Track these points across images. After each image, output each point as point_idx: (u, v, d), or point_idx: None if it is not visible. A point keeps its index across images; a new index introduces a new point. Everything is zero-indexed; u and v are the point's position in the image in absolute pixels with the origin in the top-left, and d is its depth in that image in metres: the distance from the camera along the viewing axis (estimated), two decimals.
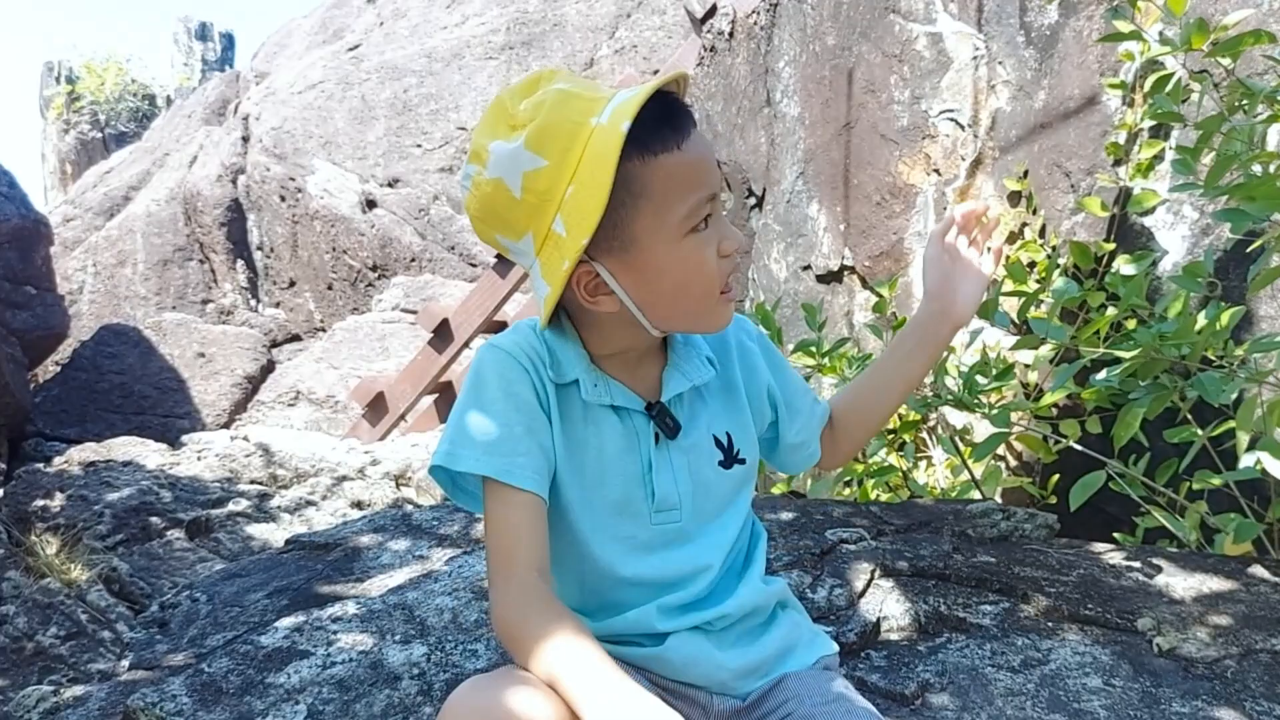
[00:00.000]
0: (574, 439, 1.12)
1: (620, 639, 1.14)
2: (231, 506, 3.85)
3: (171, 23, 28.41)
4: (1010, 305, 2.85)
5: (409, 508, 2.67)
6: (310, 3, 14.02)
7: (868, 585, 1.99)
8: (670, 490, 1.14)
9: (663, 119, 1.02)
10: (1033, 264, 3.00)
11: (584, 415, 1.13)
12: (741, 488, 1.22)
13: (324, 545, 2.32)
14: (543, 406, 1.10)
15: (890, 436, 3.07)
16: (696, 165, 1.03)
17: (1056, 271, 2.82)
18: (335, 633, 1.76)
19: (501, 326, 6.81)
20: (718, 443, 1.18)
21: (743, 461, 1.20)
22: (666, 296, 1.07)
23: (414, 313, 7.97)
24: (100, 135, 21.29)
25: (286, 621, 1.82)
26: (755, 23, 4.47)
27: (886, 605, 1.90)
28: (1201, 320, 1.98)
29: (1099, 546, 2.29)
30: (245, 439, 5.08)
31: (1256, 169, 1.89)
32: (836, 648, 1.25)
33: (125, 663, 1.86)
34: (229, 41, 28.92)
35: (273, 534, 3.61)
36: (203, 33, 28.32)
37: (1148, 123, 2.83)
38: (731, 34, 4.70)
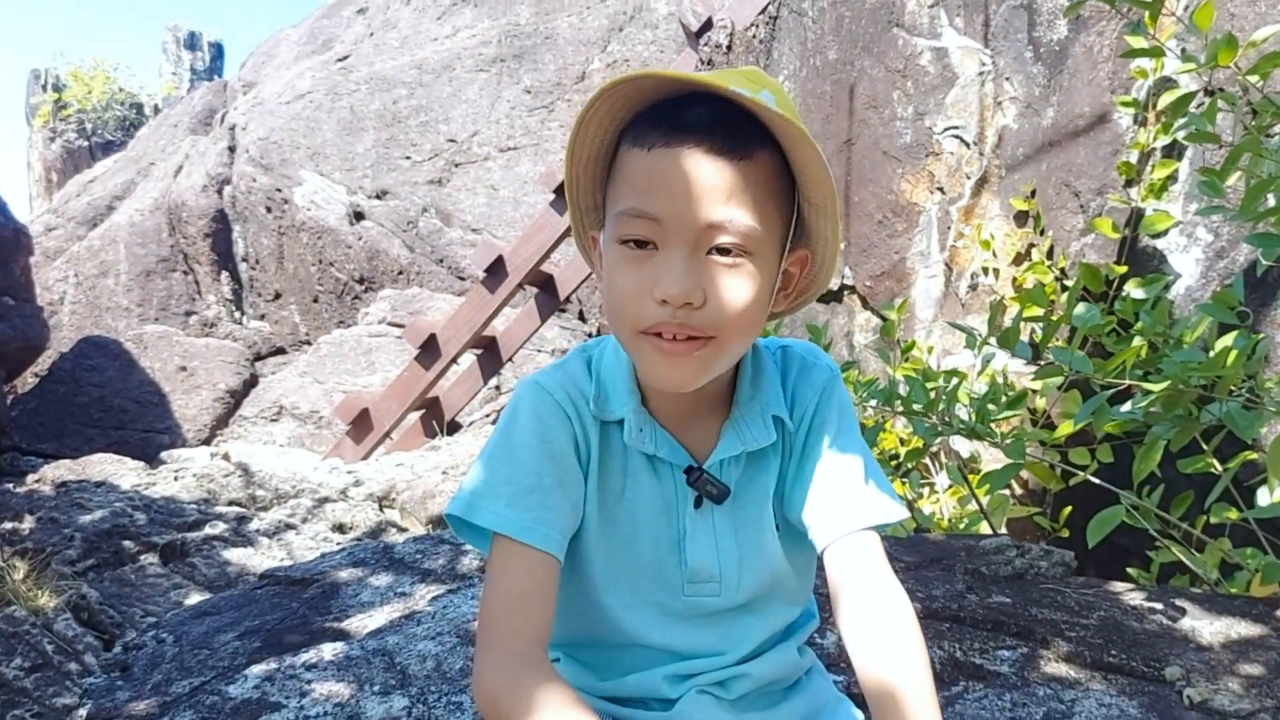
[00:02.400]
0: (609, 491, 1.02)
1: (626, 700, 1.06)
2: (208, 530, 3.70)
3: (160, 32, 28.29)
4: (1022, 328, 2.75)
5: (392, 537, 2.54)
6: (300, 13, 13.92)
7: None
8: (708, 561, 1.03)
9: (672, 118, 0.90)
10: (1040, 286, 2.90)
11: (623, 465, 1.02)
12: (803, 564, 1.09)
13: (300, 580, 2.19)
14: (580, 457, 1.01)
15: (894, 464, 2.96)
16: (653, 175, 0.89)
17: (1065, 295, 2.73)
18: (309, 682, 1.63)
19: (490, 342, 6.69)
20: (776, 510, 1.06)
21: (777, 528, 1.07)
22: (605, 300, 0.97)
23: (401, 326, 7.84)
24: (87, 144, 21.13)
25: (257, 669, 1.69)
26: (754, 36, 4.38)
27: None
28: (1231, 351, 1.87)
29: (1118, 586, 2.18)
30: (225, 457, 4.94)
31: None
32: (862, 716, 1.13)
33: (83, 712, 1.72)
34: (218, 51, 28.80)
35: (250, 559, 3.46)
36: (192, 42, 28.19)
37: (1161, 142, 2.75)
38: (729, 47, 4.61)
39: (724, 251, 0.91)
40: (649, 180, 0.90)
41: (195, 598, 3.13)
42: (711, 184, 0.89)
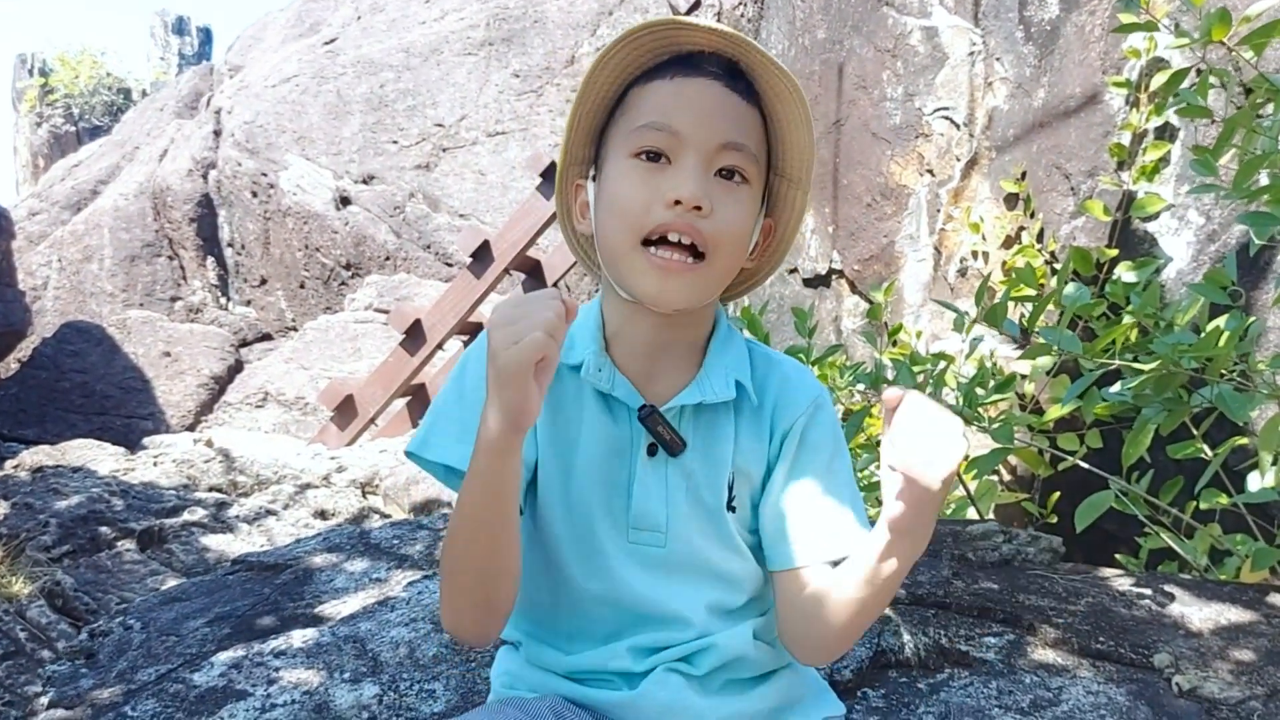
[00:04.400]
0: (563, 435, 1.04)
1: (591, 677, 1.04)
2: (187, 516, 3.64)
3: (148, 16, 28.09)
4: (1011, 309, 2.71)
5: (369, 524, 2.49)
6: None
7: None
8: (654, 508, 1.02)
9: (687, 59, 1.00)
10: (1030, 267, 2.86)
11: (579, 413, 1.04)
12: (747, 547, 1.06)
13: (273, 566, 2.14)
14: None
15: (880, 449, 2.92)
16: (676, 98, 0.98)
17: (1055, 279, 2.69)
18: (277, 669, 1.59)
19: (477, 328, 6.62)
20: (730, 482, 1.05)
21: (733, 509, 1.05)
22: (602, 220, 1.02)
23: (387, 312, 7.77)
24: (74, 129, 20.97)
25: (224, 656, 1.64)
26: (742, 15, 4.32)
27: (883, 637, 1.75)
28: (1222, 332, 1.84)
29: (1107, 572, 2.15)
30: (208, 443, 4.88)
31: None
32: (843, 708, 1.10)
33: (45, 699, 1.67)
34: (206, 35, 28.63)
35: (229, 545, 3.41)
36: (180, 26, 28.01)
37: (1153, 123, 2.70)
38: None
39: (728, 175, 0.99)
40: (672, 99, 0.98)
41: (172, 584, 3.08)
42: (729, 109, 0.99)
